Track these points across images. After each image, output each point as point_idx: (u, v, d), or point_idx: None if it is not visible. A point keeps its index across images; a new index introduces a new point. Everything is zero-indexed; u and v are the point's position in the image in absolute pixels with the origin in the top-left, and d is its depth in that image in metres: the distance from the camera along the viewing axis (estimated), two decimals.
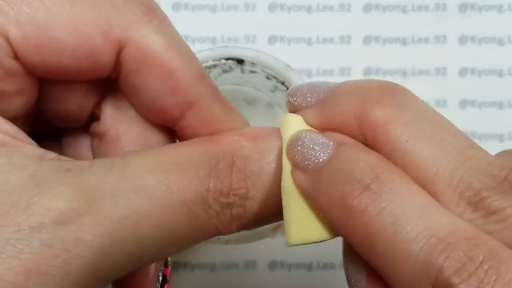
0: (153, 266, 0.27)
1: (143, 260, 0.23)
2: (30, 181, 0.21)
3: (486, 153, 0.22)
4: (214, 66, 0.35)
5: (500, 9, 0.44)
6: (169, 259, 0.27)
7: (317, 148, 0.23)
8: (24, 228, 0.20)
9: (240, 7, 0.44)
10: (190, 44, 0.43)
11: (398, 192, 0.21)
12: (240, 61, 0.35)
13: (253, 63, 0.35)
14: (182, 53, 0.24)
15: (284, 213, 0.23)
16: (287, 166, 0.23)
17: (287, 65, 0.35)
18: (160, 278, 0.27)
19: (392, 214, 0.20)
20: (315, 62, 0.43)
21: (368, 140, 0.23)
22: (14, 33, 0.22)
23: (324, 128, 0.24)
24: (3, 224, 0.20)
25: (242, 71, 0.36)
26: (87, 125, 0.26)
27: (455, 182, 0.21)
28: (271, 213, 0.24)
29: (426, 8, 0.44)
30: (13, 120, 0.24)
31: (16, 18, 0.22)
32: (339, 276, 0.41)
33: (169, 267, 0.27)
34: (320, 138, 0.23)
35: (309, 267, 0.41)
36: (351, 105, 0.23)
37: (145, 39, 0.24)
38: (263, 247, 0.41)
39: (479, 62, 0.44)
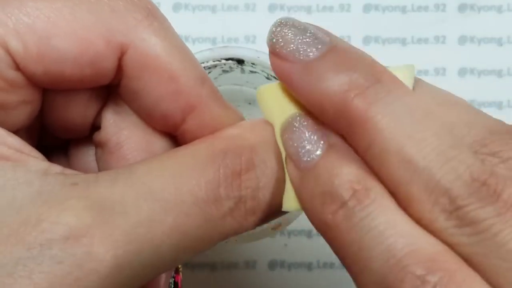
0: (163, 274, 0.26)
1: (161, 268, 0.22)
2: (37, 197, 0.21)
3: (468, 152, 0.21)
4: (214, 66, 0.35)
5: (499, 9, 0.44)
6: (179, 265, 0.26)
7: (308, 147, 0.23)
8: (34, 246, 0.20)
9: (240, 7, 0.44)
10: (190, 44, 0.43)
11: (371, 211, 0.21)
12: (240, 62, 0.35)
13: (253, 64, 0.35)
14: (183, 55, 0.24)
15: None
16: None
17: None
18: (172, 286, 0.26)
19: (360, 232, 0.21)
20: None
21: (342, 130, 0.22)
22: (15, 44, 0.22)
23: (303, 101, 0.23)
24: (13, 243, 0.20)
25: (242, 71, 0.36)
26: (91, 135, 0.26)
27: (431, 186, 0.20)
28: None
29: (426, 8, 0.44)
30: (18, 131, 0.23)
31: (15, 29, 0.22)
32: (339, 276, 0.42)
33: (180, 274, 0.26)
34: (312, 134, 0.23)
35: (309, 266, 0.42)
36: (334, 88, 0.22)
37: (146, 43, 0.23)
38: (263, 247, 0.41)
39: (479, 63, 0.44)
